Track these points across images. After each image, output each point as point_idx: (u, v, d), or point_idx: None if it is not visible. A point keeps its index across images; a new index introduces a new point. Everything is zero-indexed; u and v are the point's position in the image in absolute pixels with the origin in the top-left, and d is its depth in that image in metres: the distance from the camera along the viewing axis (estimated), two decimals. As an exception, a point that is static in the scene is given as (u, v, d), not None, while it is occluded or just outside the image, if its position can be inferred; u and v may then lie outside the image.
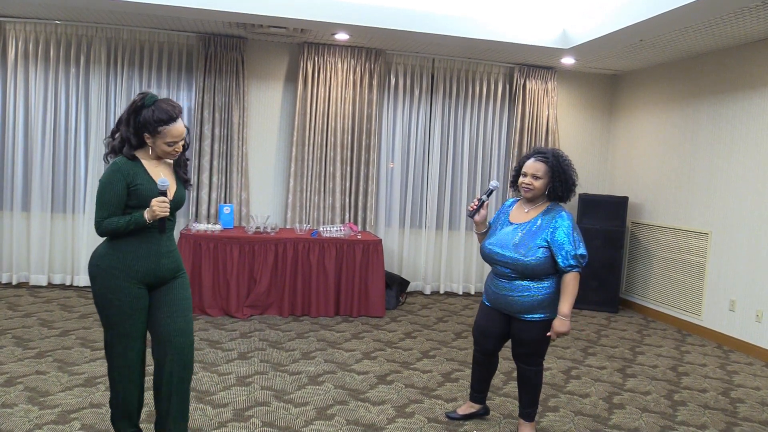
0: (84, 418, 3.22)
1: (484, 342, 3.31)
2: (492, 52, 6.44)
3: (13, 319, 4.97)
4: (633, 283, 6.87)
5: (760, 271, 5.21)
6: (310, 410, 3.52)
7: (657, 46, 5.73)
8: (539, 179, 3.09)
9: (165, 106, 2.58)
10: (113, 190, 2.59)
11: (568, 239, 2.98)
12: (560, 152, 3.15)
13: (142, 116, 2.57)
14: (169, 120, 2.57)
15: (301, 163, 6.49)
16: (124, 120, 2.63)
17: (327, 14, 5.35)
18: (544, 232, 3.02)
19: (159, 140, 2.61)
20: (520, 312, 3.09)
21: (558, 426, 3.52)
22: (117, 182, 2.59)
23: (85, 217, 6.21)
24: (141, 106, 2.58)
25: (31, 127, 6.07)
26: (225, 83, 6.28)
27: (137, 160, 2.66)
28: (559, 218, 3.03)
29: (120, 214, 2.62)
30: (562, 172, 3.08)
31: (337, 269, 5.69)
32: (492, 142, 7.06)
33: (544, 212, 3.09)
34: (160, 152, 2.66)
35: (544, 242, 3.00)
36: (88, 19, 5.93)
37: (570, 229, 3.00)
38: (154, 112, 2.56)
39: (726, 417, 3.82)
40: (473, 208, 3.24)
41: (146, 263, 2.66)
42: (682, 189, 6.19)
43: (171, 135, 2.60)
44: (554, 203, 3.14)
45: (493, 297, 3.21)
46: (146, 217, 2.60)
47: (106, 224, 2.60)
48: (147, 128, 2.58)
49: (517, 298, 3.07)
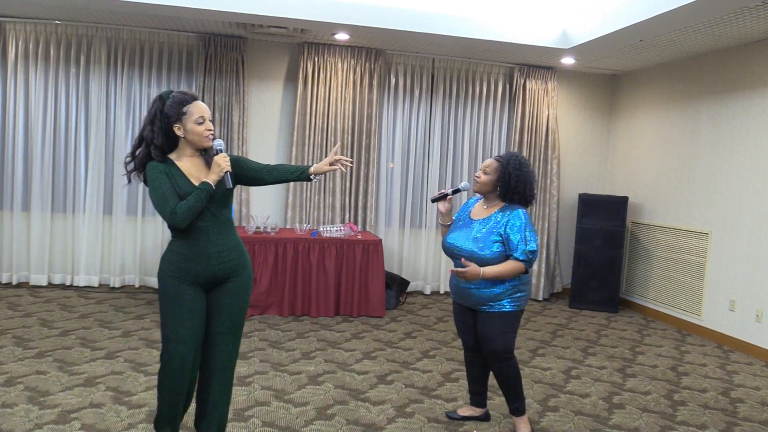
0: (84, 418, 3.22)
1: (464, 337, 3.41)
2: (492, 52, 6.44)
3: (13, 319, 4.97)
4: (633, 283, 6.88)
5: (760, 271, 5.21)
6: (310, 410, 3.52)
7: (657, 46, 5.74)
8: (487, 174, 3.22)
9: (182, 91, 2.66)
10: (162, 183, 2.57)
11: (520, 235, 3.09)
12: (522, 159, 3.21)
13: (166, 107, 2.60)
14: (191, 98, 2.63)
15: (301, 162, 6.49)
16: (149, 123, 2.62)
17: (327, 14, 5.35)
18: (500, 227, 3.13)
19: (188, 122, 2.60)
20: (479, 304, 3.19)
21: (558, 426, 3.52)
22: (160, 176, 2.58)
23: (85, 216, 6.21)
24: (162, 102, 2.61)
25: (31, 127, 6.07)
26: (225, 83, 6.28)
27: (170, 161, 2.65)
28: (514, 216, 3.14)
29: None
30: (512, 175, 3.15)
31: (337, 269, 5.69)
32: (492, 142, 7.06)
33: (502, 209, 3.21)
34: (194, 136, 2.62)
35: (499, 237, 3.12)
36: (88, 19, 5.93)
37: (522, 225, 3.11)
38: (174, 98, 2.61)
39: (726, 417, 3.82)
40: (437, 195, 3.39)
41: (195, 265, 2.65)
42: (682, 189, 6.19)
43: (197, 111, 2.61)
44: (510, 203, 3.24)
45: (456, 290, 3.32)
46: (211, 179, 2.60)
47: (180, 210, 2.55)
48: (173, 114, 2.59)
49: (475, 291, 3.17)
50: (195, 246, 2.64)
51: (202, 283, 2.68)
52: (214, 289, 2.74)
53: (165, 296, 2.68)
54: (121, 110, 6.21)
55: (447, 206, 3.39)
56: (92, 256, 6.25)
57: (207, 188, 2.59)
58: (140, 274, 6.37)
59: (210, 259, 2.66)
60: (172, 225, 2.59)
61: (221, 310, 2.73)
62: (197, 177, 2.65)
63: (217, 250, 2.67)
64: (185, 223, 2.57)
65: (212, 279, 2.70)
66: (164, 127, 2.61)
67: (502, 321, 3.16)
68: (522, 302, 3.20)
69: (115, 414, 3.28)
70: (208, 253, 2.66)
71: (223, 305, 2.73)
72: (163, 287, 2.68)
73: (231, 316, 2.74)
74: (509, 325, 3.18)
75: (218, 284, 2.73)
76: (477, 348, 3.36)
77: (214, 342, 2.75)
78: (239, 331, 2.81)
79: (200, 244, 2.65)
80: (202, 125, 2.62)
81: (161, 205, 2.56)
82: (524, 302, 3.23)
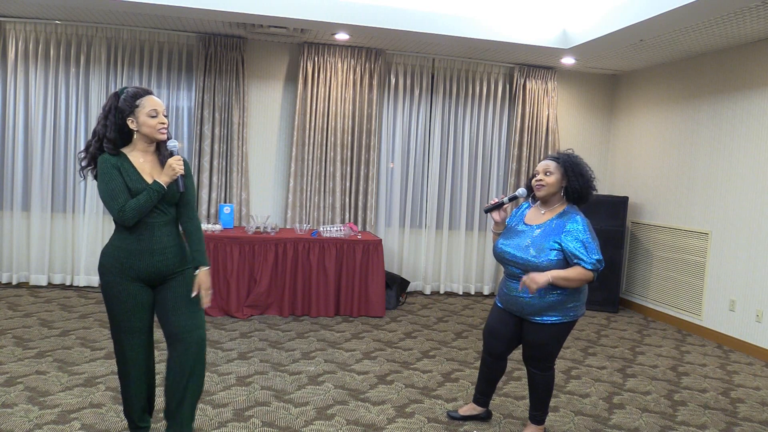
0: (84, 418, 3.22)
1: (493, 344, 3.29)
2: (492, 52, 6.44)
3: (13, 319, 4.97)
4: (633, 283, 6.87)
5: (760, 271, 5.21)
6: (310, 410, 3.52)
7: (657, 46, 5.74)
8: (551, 174, 3.07)
9: (137, 87, 2.67)
10: (113, 179, 2.58)
11: (580, 243, 2.93)
12: (573, 154, 3.15)
13: (120, 101, 2.62)
14: (144, 92, 2.65)
15: (301, 162, 6.50)
16: (103, 117, 2.64)
17: (327, 14, 5.36)
18: (557, 234, 2.98)
19: (141, 114, 2.61)
20: (531, 314, 3.05)
21: (558, 426, 3.52)
22: (111, 171, 2.59)
23: (85, 216, 6.21)
24: (116, 98, 2.64)
25: (31, 127, 6.07)
26: (225, 83, 6.28)
27: (122, 154, 2.65)
28: (573, 222, 2.99)
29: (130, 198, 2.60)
30: (575, 167, 3.06)
31: (337, 269, 5.69)
32: (492, 142, 7.06)
33: (560, 215, 3.06)
34: (147, 128, 2.63)
35: (557, 245, 2.96)
36: (88, 19, 5.93)
37: (583, 233, 2.96)
38: (128, 92, 2.63)
39: (726, 417, 3.82)
40: (492, 205, 3.24)
41: (138, 261, 2.65)
42: (682, 189, 6.19)
43: (150, 104, 2.62)
44: (570, 206, 3.11)
45: (505, 298, 3.18)
46: (163, 180, 2.61)
47: (128, 208, 2.56)
48: (127, 108, 2.60)
49: (528, 300, 3.04)
50: (139, 242, 2.64)
51: (144, 278, 2.68)
52: (157, 287, 2.74)
53: (109, 291, 2.67)
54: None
55: (502, 215, 3.23)
56: (92, 256, 6.25)
57: (159, 189, 2.60)
58: (140, 274, 6.36)
59: (153, 255, 2.66)
60: (120, 222, 2.60)
61: (176, 303, 2.70)
62: (149, 173, 2.66)
63: (160, 246, 2.67)
64: (133, 221, 2.59)
65: (155, 275, 2.69)
66: (118, 122, 2.62)
67: (551, 332, 3.04)
68: (575, 312, 3.04)
69: (115, 414, 3.28)
70: (152, 249, 2.66)
71: (177, 297, 2.71)
72: (105, 282, 2.67)
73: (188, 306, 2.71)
74: (559, 335, 3.06)
75: (161, 282, 2.73)
76: (501, 355, 3.29)
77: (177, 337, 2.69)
78: (203, 324, 2.76)
79: (144, 240, 2.65)
80: (155, 118, 2.63)
81: (110, 201, 2.57)
82: (577, 313, 3.06)
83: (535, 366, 3.16)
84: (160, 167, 2.71)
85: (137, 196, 2.59)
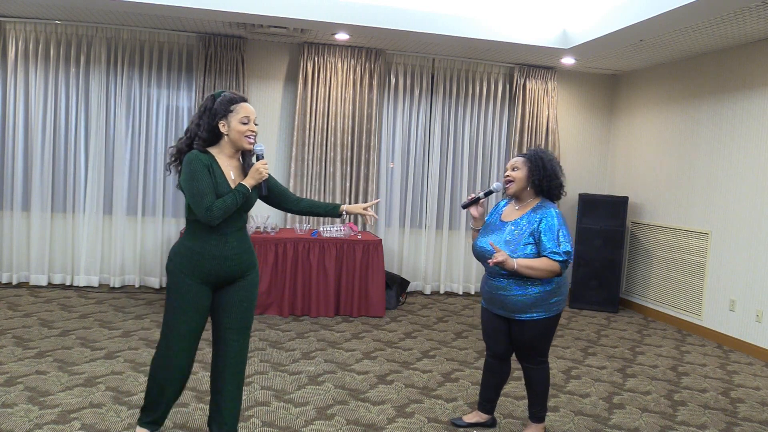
0: (84, 418, 3.22)
1: (494, 345, 3.28)
2: (492, 52, 6.44)
3: (13, 319, 4.97)
4: (633, 283, 6.88)
5: (760, 271, 5.21)
6: (310, 410, 3.52)
7: (657, 46, 5.74)
8: (518, 170, 3.15)
9: (234, 92, 2.74)
10: (203, 178, 2.60)
11: (552, 235, 2.99)
12: (544, 150, 3.20)
13: (215, 104, 2.66)
14: (240, 99, 2.70)
15: (301, 163, 6.50)
16: (198, 117, 2.69)
17: (327, 14, 5.36)
18: (532, 228, 3.04)
19: (233, 120, 2.65)
20: (515, 312, 3.09)
21: (558, 426, 3.52)
22: (202, 170, 2.61)
23: (85, 216, 6.21)
24: (213, 100, 2.68)
25: (31, 127, 6.07)
26: (225, 83, 6.28)
27: (211, 155, 2.69)
28: (546, 216, 3.04)
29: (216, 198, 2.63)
30: (542, 163, 3.11)
31: (337, 269, 5.69)
32: (492, 142, 7.06)
33: (533, 209, 3.11)
34: (236, 135, 2.67)
35: (531, 239, 3.02)
36: (88, 19, 5.93)
37: (555, 226, 3.01)
38: (225, 96, 2.68)
39: (726, 417, 3.82)
40: (468, 200, 3.29)
41: (210, 265, 2.68)
42: (682, 189, 6.19)
43: (244, 111, 2.67)
44: (543, 201, 3.16)
45: (488, 296, 3.21)
46: (248, 183, 2.66)
47: (216, 207, 2.58)
48: (221, 111, 2.65)
49: (510, 297, 3.07)
50: (213, 246, 2.68)
51: (212, 281, 2.72)
52: (223, 288, 2.78)
53: (173, 290, 2.72)
54: (121, 110, 6.21)
55: (480, 210, 3.27)
56: (92, 256, 6.25)
57: (244, 191, 2.66)
58: (140, 274, 6.37)
59: (226, 260, 2.71)
60: (205, 221, 2.61)
61: (232, 307, 2.78)
62: (233, 179, 2.71)
63: (233, 252, 2.72)
64: (218, 221, 2.62)
65: (224, 278, 2.74)
66: (210, 123, 2.66)
67: (538, 328, 3.07)
68: (558, 307, 3.10)
69: (115, 414, 3.28)
70: (225, 254, 2.70)
71: (233, 302, 2.78)
72: (172, 281, 2.72)
73: (242, 312, 2.80)
74: (546, 331, 3.10)
75: (228, 283, 2.78)
76: (504, 356, 3.29)
77: (225, 339, 2.80)
78: (249, 327, 2.86)
79: (218, 246, 2.69)
80: (246, 125, 2.68)
81: (198, 200, 2.58)
82: (560, 307, 3.11)
83: (528, 361, 3.19)
84: (243, 174, 2.77)
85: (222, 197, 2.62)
